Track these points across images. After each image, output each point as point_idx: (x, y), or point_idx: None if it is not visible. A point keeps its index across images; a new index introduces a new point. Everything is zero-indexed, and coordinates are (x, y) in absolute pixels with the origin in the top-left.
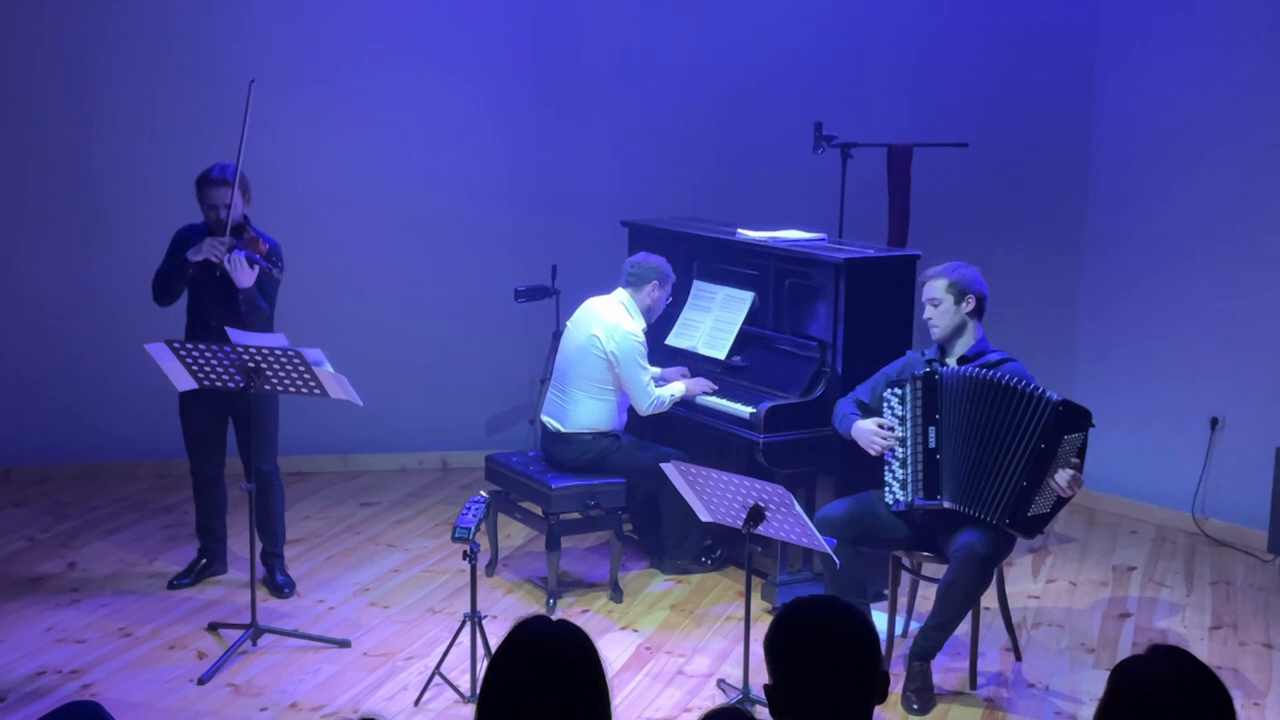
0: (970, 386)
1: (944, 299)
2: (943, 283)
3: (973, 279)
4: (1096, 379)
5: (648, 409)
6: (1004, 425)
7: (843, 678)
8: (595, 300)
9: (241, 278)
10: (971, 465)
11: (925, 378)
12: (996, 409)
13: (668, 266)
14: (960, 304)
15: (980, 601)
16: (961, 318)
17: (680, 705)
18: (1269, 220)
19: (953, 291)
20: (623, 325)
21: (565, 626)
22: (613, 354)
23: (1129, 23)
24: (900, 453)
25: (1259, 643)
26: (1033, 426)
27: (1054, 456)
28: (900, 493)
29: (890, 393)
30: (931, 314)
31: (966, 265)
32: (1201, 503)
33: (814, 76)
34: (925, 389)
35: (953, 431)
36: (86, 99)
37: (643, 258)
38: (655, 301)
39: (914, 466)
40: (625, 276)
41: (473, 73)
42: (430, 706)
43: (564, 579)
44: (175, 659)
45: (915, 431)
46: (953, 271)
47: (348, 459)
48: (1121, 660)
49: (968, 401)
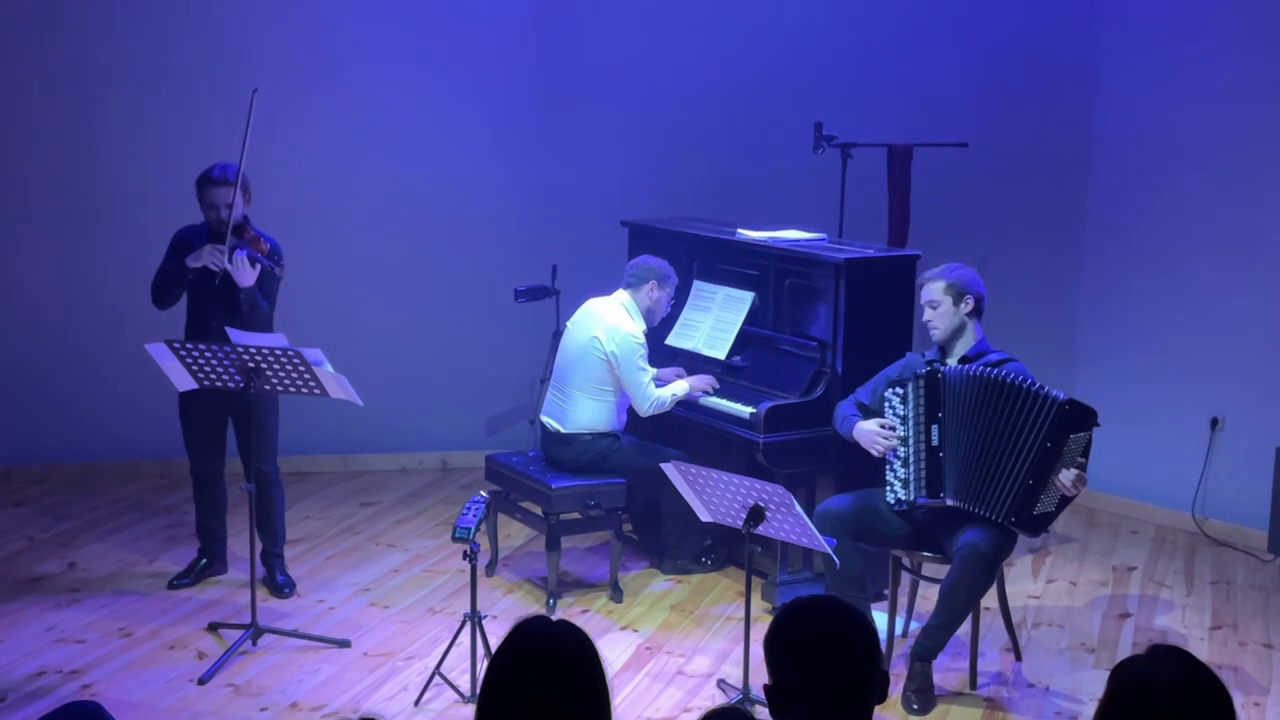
0: (974, 385)
1: (942, 300)
2: (940, 284)
3: (970, 280)
4: (1096, 379)
5: (648, 410)
6: (1009, 423)
7: (843, 678)
8: (596, 301)
9: (243, 277)
10: (976, 463)
11: (928, 375)
12: (1001, 407)
13: (668, 268)
14: (959, 305)
15: (980, 602)
16: (961, 318)
17: (680, 705)
18: (1269, 220)
19: (951, 293)
20: (623, 327)
21: (565, 626)
22: (613, 355)
23: (1129, 22)
24: (902, 452)
25: (1259, 643)
26: (1039, 425)
27: (1060, 456)
28: (902, 491)
29: (892, 392)
30: (931, 316)
31: (963, 266)
32: (1201, 503)
33: (814, 76)
34: (928, 387)
35: (956, 429)
36: (87, 99)
37: (643, 259)
38: (655, 303)
39: (916, 464)
40: (626, 277)
41: (473, 72)
42: (430, 706)
43: (564, 579)
44: (175, 659)
45: (918, 429)
46: (950, 273)
47: (348, 459)
48: (1121, 660)
49: (972, 399)
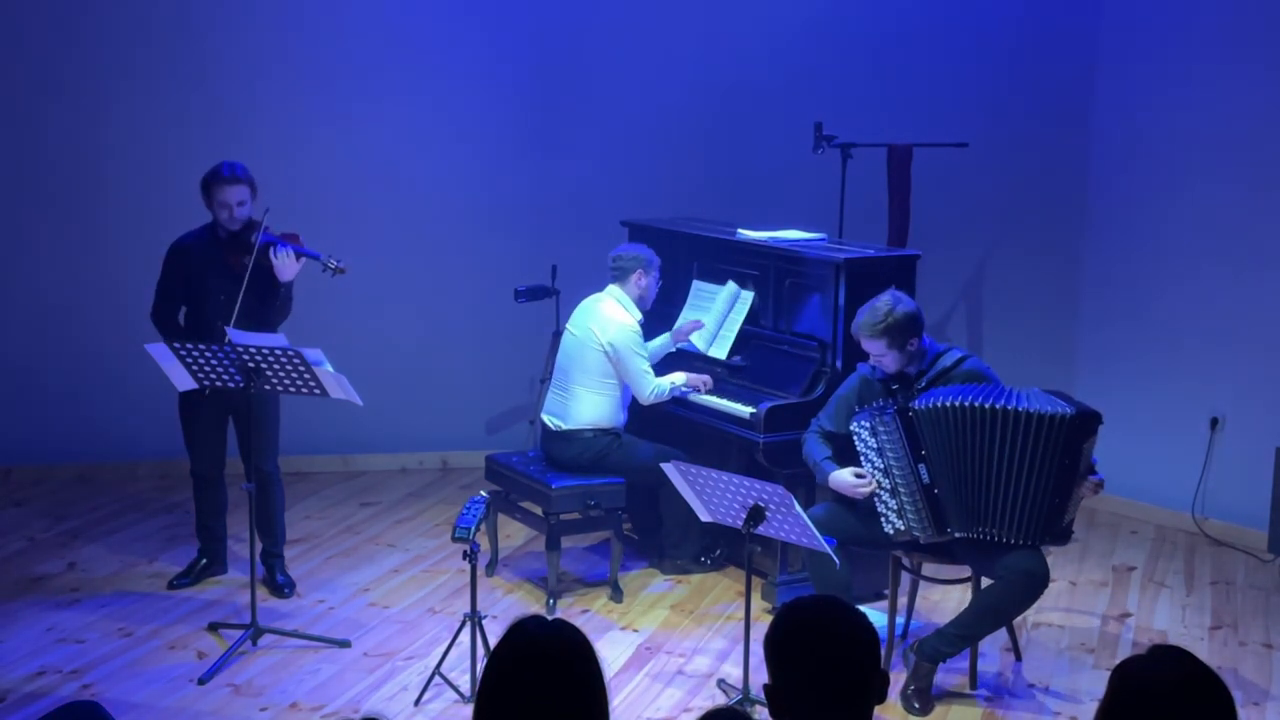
0: (954, 416)
1: (887, 352)
2: (880, 342)
3: (907, 323)
4: (1096, 379)
5: (649, 397)
6: (1010, 448)
7: (843, 678)
8: (589, 300)
9: (286, 270)
10: (983, 493)
11: (899, 416)
12: (993, 434)
13: (648, 251)
14: (905, 349)
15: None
16: (908, 355)
17: (680, 705)
18: (1269, 220)
19: (895, 346)
20: (618, 317)
21: (562, 626)
22: (610, 345)
23: (1129, 22)
24: (886, 483)
25: (1259, 643)
26: (1050, 444)
27: (1078, 467)
28: (899, 521)
29: (858, 425)
30: (878, 362)
31: (893, 306)
32: (1201, 503)
33: (814, 76)
34: (904, 427)
35: (946, 464)
36: (87, 100)
37: (624, 249)
38: (645, 289)
39: (915, 504)
40: (611, 272)
41: (473, 72)
42: (430, 706)
43: (564, 579)
44: (175, 659)
45: (904, 469)
46: (885, 323)
47: (348, 459)
48: (1122, 660)
49: (956, 432)
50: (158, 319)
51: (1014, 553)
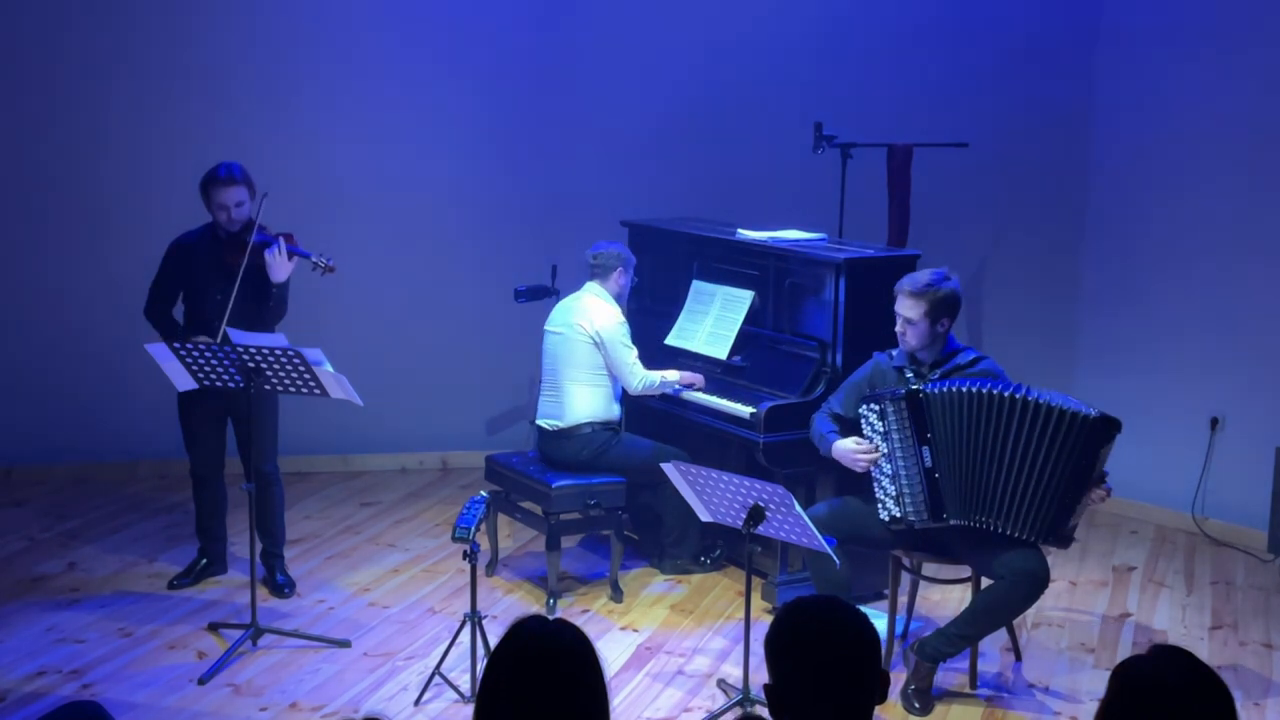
0: (965, 402)
1: (920, 321)
2: (920, 307)
3: (949, 300)
4: (1097, 379)
5: (639, 388)
6: (1027, 440)
7: (843, 678)
8: (568, 298)
9: (279, 271)
10: (986, 482)
11: (909, 397)
12: (1004, 422)
13: (627, 250)
14: (935, 326)
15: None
16: (934, 335)
17: (680, 705)
18: (1269, 220)
19: (930, 316)
20: (604, 310)
21: (562, 626)
22: (597, 334)
23: (1129, 22)
24: (888, 468)
25: (1259, 643)
26: (1068, 442)
27: (1093, 471)
28: (895, 508)
29: (867, 408)
30: (904, 328)
31: (945, 279)
32: (1201, 503)
33: (814, 76)
34: (911, 408)
35: (951, 449)
36: (87, 100)
37: (604, 247)
38: (622, 288)
39: (912, 487)
40: (590, 269)
41: (472, 72)
42: (430, 706)
43: (564, 579)
44: (175, 659)
45: (905, 450)
46: (931, 292)
47: (348, 459)
48: (1123, 660)
49: (965, 418)
50: (151, 315)
51: (1014, 552)
